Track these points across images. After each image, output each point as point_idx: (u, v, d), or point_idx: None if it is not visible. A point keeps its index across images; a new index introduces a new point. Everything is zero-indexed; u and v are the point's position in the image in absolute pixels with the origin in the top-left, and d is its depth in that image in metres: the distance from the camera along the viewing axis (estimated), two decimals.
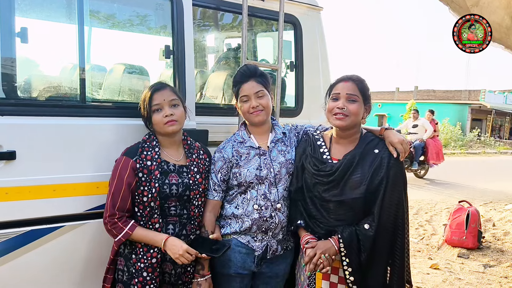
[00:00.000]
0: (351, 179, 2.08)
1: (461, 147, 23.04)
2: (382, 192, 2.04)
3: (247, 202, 2.24)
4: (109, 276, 2.19)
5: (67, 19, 2.65)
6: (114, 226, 2.06)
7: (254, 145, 2.28)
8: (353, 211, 2.08)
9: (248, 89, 2.24)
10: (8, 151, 2.00)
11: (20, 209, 2.06)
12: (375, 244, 2.02)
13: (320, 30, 3.30)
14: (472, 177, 12.04)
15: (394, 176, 2.07)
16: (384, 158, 2.09)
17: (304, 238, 2.15)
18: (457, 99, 30.11)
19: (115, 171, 2.10)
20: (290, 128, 2.42)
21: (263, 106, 2.24)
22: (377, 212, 2.03)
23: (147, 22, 3.24)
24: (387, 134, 2.17)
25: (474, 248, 5.59)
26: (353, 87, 2.11)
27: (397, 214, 2.07)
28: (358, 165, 2.09)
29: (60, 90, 2.62)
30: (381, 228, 2.02)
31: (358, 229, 2.04)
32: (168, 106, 2.14)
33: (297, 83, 3.19)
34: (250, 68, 2.30)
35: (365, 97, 2.15)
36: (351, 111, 2.08)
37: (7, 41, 2.07)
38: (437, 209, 7.93)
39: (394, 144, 2.12)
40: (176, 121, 2.14)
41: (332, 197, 2.09)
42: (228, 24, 4.05)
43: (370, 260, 2.03)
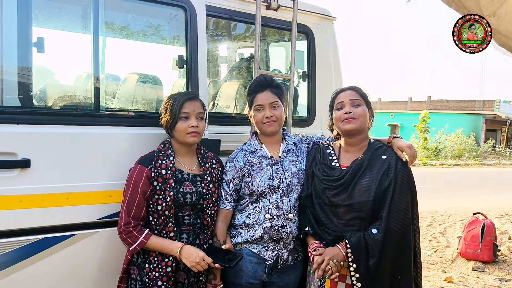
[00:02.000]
0: (360, 183, 2.09)
1: (475, 158, 22.74)
2: (390, 196, 2.05)
3: (258, 211, 2.24)
4: (122, 285, 2.19)
5: (83, 29, 2.70)
6: (129, 235, 2.06)
7: (266, 155, 2.28)
8: (361, 216, 2.08)
9: (263, 99, 2.25)
10: (23, 159, 2.03)
11: (34, 217, 2.08)
12: (383, 248, 2.01)
13: (333, 40, 3.31)
14: (487, 189, 11.86)
15: (402, 180, 2.09)
16: (392, 163, 2.12)
17: (312, 246, 2.15)
18: (471, 109, 29.81)
19: (129, 180, 2.11)
20: (300, 139, 2.43)
21: (277, 117, 2.25)
22: (385, 216, 2.03)
23: (161, 32, 3.27)
24: (395, 140, 2.22)
25: (489, 261, 5.47)
26: (353, 93, 2.20)
27: (406, 218, 2.07)
28: (367, 169, 2.12)
29: (75, 99, 2.65)
30: (389, 232, 2.02)
31: (366, 233, 2.04)
32: (195, 117, 2.17)
33: (309, 93, 3.19)
34: (266, 78, 2.32)
35: (367, 102, 2.22)
36: (358, 113, 2.15)
37: (24, 51, 2.11)
38: (451, 221, 7.81)
39: (403, 149, 2.15)
40: (198, 133, 2.17)
41: (341, 201, 2.11)
42: (240, 34, 4.07)
43: (378, 266, 2.01)
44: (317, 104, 3.18)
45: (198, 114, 2.18)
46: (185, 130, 2.14)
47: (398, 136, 2.26)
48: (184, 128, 2.14)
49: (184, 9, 2.49)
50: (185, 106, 2.15)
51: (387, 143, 2.24)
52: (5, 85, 2.11)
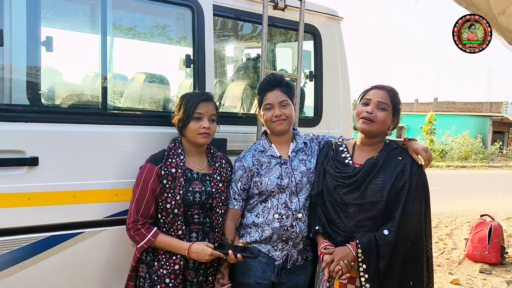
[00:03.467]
0: (373, 182, 2.06)
1: (482, 160, 22.60)
2: (404, 198, 2.02)
3: (267, 211, 2.23)
4: (131, 283, 2.20)
5: (91, 29, 2.71)
6: (137, 232, 2.07)
7: (275, 154, 2.28)
8: (372, 217, 2.05)
9: (272, 97, 2.25)
10: (31, 157, 2.04)
11: (42, 215, 2.09)
12: (394, 250, 1.99)
13: (340, 40, 3.30)
14: (494, 191, 11.78)
15: (417, 184, 2.06)
16: (407, 165, 2.08)
17: (322, 245, 2.13)
18: (478, 111, 29.64)
19: (139, 178, 2.12)
20: (311, 138, 2.42)
21: (286, 115, 2.24)
22: (398, 217, 2.00)
23: (168, 32, 3.28)
24: (410, 143, 2.18)
25: (496, 263, 5.43)
26: (385, 96, 2.12)
27: (418, 222, 2.04)
28: (381, 169, 2.08)
29: (82, 98, 2.67)
30: (401, 235, 1.99)
31: (377, 234, 2.01)
32: (208, 119, 2.17)
33: (316, 93, 3.18)
34: (276, 77, 2.32)
35: (395, 109, 2.15)
36: (378, 118, 2.09)
37: (32, 50, 2.13)
38: (457, 223, 7.76)
39: (418, 152, 2.12)
40: (209, 134, 2.18)
41: (353, 200, 2.08)
42: (247, 34, 4.07)
43: (388, 268, 1.99)
44: (323, 104, 3.17)
45: (211, 116, 2.19)
46: (196, 130, 2.15)
47: (413, 139, 2.23)
48: (196, 128, 2.15)
49: (192, 9, 2.50)
50: (200, 107, 2.16)
51: (402, 145, 2.21)
52: (13, 83, 2.13)
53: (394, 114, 2.15)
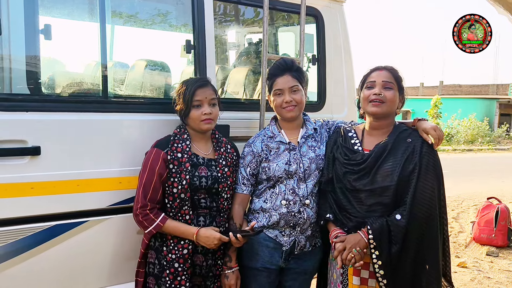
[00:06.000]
0: (383, 167, 2.04)
1: (488, 143, 22.45)
2: (415, 180, 1.99)
3: (275, 197, 2.22)
4: (141, 270, 2.21)
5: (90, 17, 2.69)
6: (145, 217, 2.07)
7: (284, 140, 2.25)
8: (384, 202, 2.02)
9: (282, 83, 2.21)
10: (33, 146, 2.03)
11: (45, 204, 2.09)
12: (407, 235, 1.96)
13: (343, 23, 3.24)
14: (501, 174, 11.71)
15: (427, 164, 2.02)
16: (416, 147, 2.05)
17: (333, 233, 2.11)
18: (484, 93, 29.36)
19: (146, 163, 2.11)
20: (321, 124, 2.38)
21: (297, 101, 2.20)
22: (410, 201, 1.97)
23: (168, 18, 3.24)
24: (420, 123, 2.15)
25: (503, 246, 5.42)
26: (388, 75, 2.10)
27: (431, 204, 2.00)
28: (390, 153, 2.05)
29: (83, 86, 2.65)
30: (413, 218, 1.96)
31: (389, 219, 1.98)
32: (208, 104, 2.15)
33: (319, 77, 3.14)
34: (286, 62, 2.27)
35: (400, 86, 2.13)
36: (387, 97, 2.07)
37: (31, 39, 2.11)
38: (464, 206, 7.74)
39: (428, 131, 2.08)
40: (212, 119, 2.16)
41: (363, 186, 2.05)
42: (249, 19, 4.03)
43: (401, 253, 1.96)
44: (327, 88, 3.13)
45: (210, 101, 2.16)
46: (198, 118, 2.13)
47: (423, 119, 2.19)
48: (198, 116, 2.13)
49: None
50: (197, 94, 2.14)
51: (411, 126, 2.17)
52: (13, 73, 2.11)
53: (400, 91, 2.13)
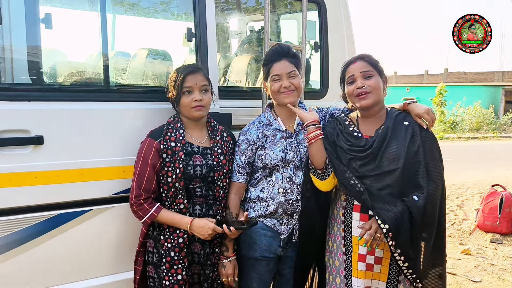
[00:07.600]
0: (387, 151, 2.05)
1: (494, 131, 22.31)
2: (424, 163, 2.01)
3: (272, 185, 2.22)
4: (140, 258, 2.22)
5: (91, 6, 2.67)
6: (140, 207, 2.08)
7: (281, 128, 2.24)
8: (392, 184, 2.03)
9: (280, 68, 2.19)
10: (36, 136, 2.03)
11: (49, 193, 2.10)
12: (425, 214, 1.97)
13: (345, 9, 3.21)
14: (506, 161, 11.65)
15: (431, 146, 2.07)
16: (416, 130, 2.08)
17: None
18: (490, 80, 29.08)
19: (140, 153, 2.12)
20: (316, 111, 2.37)
21: (295, 86, 2.19)
22: (425, 181, 1.99)
23: (169, 6, 3.22)
24: (412, 107, 2.15)
25: (508, 233, 5.42)
26: (364, 65, 2.11)
27: (443, 183, 2.06)
28: (392, 137, 2.07)
29: (85, 75, 2.64)
30: (430, 199, 1.99)
31: (408, 202, 1.98)
32: (199, 90, 2.14)
33: (322, 64, 3.12)
34: (283, 47, 2.25)
35: (378, 70, 2.13)
36: (371, 86, 2.07)
37: (32, 28, 2.10)
38: (468, 194, 7.73)
39: (421, 115, 2.09)
40: (204, 106, 2.15)
41: (370, 171, 2.06)
42: (251, 7, 3.99)
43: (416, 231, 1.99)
44: (330, 76, 3.11)
45: (201, 87, 2.14)
46: (189, 105, 2.12)
47: (412, 101, 2.18)
48: (188, 103, 2.12)
49: None
50: (187, 80, 2.12)
51: (403, 110, 2.18)
52: (15, 62, 2.11)
53: (381, 75, 2.13)
